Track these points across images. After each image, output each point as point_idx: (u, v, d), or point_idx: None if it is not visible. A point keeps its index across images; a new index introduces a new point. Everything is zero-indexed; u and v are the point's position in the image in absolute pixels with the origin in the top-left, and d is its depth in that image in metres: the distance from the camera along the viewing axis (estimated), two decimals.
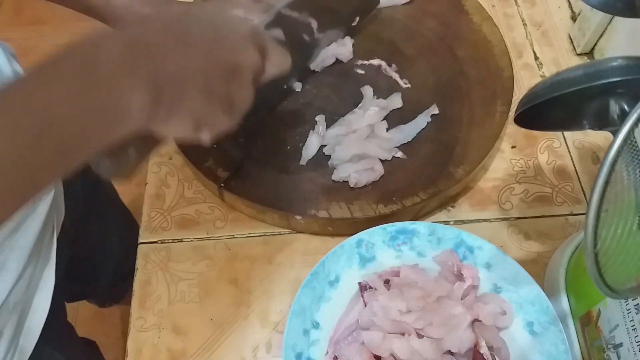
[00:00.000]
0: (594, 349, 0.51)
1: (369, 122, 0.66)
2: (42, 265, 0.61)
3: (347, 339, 0.55)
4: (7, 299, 0.55)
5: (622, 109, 0.41)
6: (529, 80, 0.75)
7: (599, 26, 0.73)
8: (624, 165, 0.33)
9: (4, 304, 0.54)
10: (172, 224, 0.65)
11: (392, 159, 0.65)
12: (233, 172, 0.64)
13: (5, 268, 0.54)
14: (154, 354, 0.57)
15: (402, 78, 0.72)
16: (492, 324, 0.54)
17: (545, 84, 0.43)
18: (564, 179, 0.67)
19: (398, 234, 0.59)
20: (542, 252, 0.62)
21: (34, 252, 0.58)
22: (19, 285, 0.56)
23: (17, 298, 0.57)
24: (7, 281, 0.55)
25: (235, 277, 0.61)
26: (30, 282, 0.59)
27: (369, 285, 0.56)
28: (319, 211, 0.61)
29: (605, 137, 0.69)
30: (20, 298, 0.57)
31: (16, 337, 0.58)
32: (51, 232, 0.63)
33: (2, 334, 0.55)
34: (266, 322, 0.59)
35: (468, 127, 0.67)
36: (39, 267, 0.60)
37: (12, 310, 0.56)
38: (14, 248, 0.55)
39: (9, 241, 0.55)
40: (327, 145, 0.66)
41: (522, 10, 0.83)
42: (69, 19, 1.97)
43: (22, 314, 0.59)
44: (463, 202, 0.66)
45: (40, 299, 0.61)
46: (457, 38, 0.75)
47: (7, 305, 0.55)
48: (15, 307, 0.57)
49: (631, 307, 0.46)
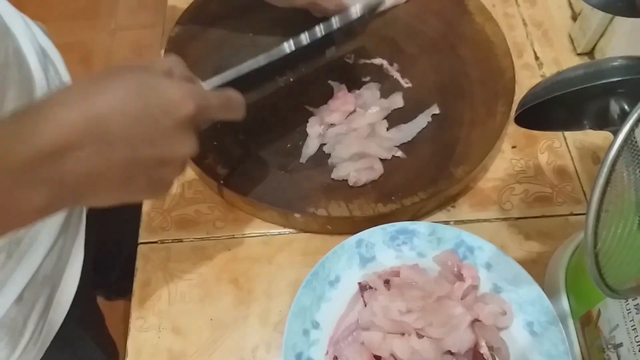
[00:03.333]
0: (594, 349, 0.51)
1: (369, 121, 0.66)
2: (72, 240, 0.63)
3: (347, 339, 0.55)
4: (38, 271, 0.56)
5: (622, 109, 0.41)
6: (529, 80, 0.75)
7: (599, 26, 0.73)
8: (624, 165, 0.33)
9: (35, 275, 0.56)
10: (172, 224, 0.65)
11: (392, 158, 0.65)
12: (233, 169, 0.64)
13: (38, 240, 0.56)
14: (154, 354, 0.57)
15: (404, 77, 0.72)
16: (492, 324, 0.54)
17: (546, 84, 0.43)
18: (564, 179, 0.67)
19: (398, 234, 0.59)
20: (542, 252, 0.62)
21: (64, 226, 0.60)
22: (50, 258, 0.58)
23: (48, 271, 0.58)
24: (39, 253, 0.56)
25: (235, 277, 0.61)
26: (60, 256, 0.60)
27: (369, 285, 0.56)
28: (318, 209, 0.61)
29: (605, 137, 0.69)
30: (51, 271, 0.59)
31: (47, 310, 0.60)
32: (80, 208, 0.64)
33: (34, 306, 0.57)
34: (266, 322, 0.59)
35: (469, 127, 0.67)
36: (68, 242, 0.62)
37: (43, 283, 0.58)
38: (46, 221, 0.57)
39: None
40: (327, 143, 0.66)
41: (522, 10, 0.83)
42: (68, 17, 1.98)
43: (53, 288, 0.60)
44: (463, 202, 0.66)
45: (70, 274, 0.62)
46: (459, 38, 0.75)
47: (38, 277, 0.57)
48: (46, 280, 0.58)
49: (631, 307, 0.46)
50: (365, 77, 0.72)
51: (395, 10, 0.77)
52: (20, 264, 0.55)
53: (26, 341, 0.57)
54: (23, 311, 0.56)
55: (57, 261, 0.60)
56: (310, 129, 0.67)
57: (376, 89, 0.70)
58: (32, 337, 0.58)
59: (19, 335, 0.57)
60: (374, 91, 0.70)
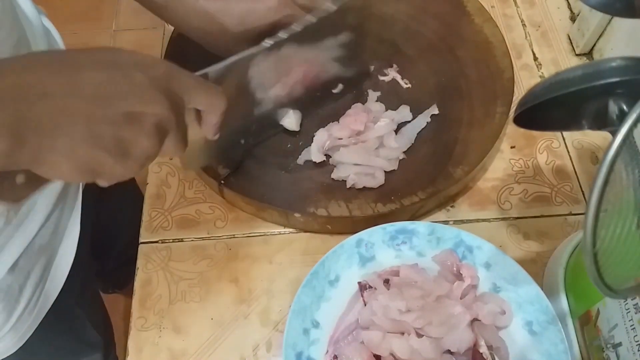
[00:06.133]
0: (593, 348, 0.52)
1: (379, 134, 0.66)
2: (68, 213, 0.63)
3: (347, 339, 0.55)
4: (34, 240, 0.57)
5: (621, 109, 0.41)
6: (528, 80, 0.75)
7: (598, 27, 0.73)
8: (623, 165, 0.33)
9: (31, 244, 0.57)
10: (172, 224, 0.65)
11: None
12: (233, 169, 0.64)
13: (34, 210, 0.56)
14: (155, 354, 0.58)
15: (403, 78, 0.72)
16: (492, 324, 0.54)
17: (545, 85, 0.43)
18: (563, 179, 0.67)
19: (398, 234, 0.59)
20: (541, 251, 0.62)
21: (61, 197, 0.60)
22: (46, 228, 0.59)
23: (44, 241, 0.59)
24: (35, 221, 0.57)
25: (235, 276, 0.62)
26: (57, 227, 0.61)
27: (368, 284, 0.56)
28: (318, 209, 0.61)
29: (604, 137, 0.70)
30: (48, 241, 0.60)
31: (42, 281, 0.61)
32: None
33: (30, 275, 0.58)
34: (266, 321, 0.59)
35: (468, 127, 0.68)
36: (65, 213, 0.63)
37: (39, 252, 0.59)
38: (43, 190, 0.56)
39: None
40: (330, 149, 0.66)
41: (521, 11, 0.83)
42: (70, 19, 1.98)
43: (50, 259, 0.61)
44: (462, 201, 0.66)
45: (66, 245, 0.63)
46: (458, 39, 0.75)
47: (34, 246, 0.57)
48: (42, 250, 0.59)
49: (630, 306, 0.46)
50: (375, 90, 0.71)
51: (394, 12, 0.78)
52: (18, 231, 0.55)
53: (22, 308, 0.59)
54: (19, 279, 0.57)
55: (54, 231, 0.61)
56: (316, 143, 0.66)
57: (376, 101, 0.70)
58: (27, 306, 0.59)
59: (15, 302, 0.58)
60: (381, 104, 0.69)
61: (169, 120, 0.39)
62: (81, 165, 0.36)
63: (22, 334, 0.61)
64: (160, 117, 0.38)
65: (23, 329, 0.61)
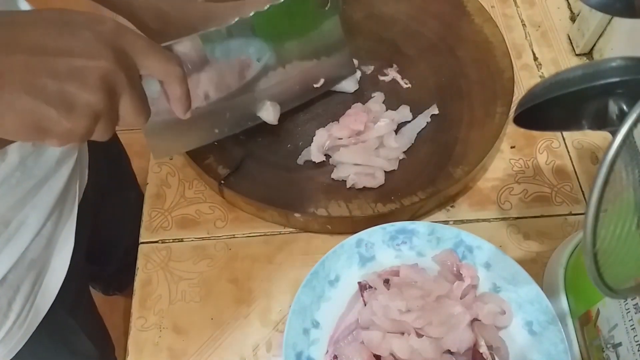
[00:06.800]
0: (593, 348, 0.52)
1: (379, 134, 0.66)
2: (62, 226, 0.63)
3: (347, 338, 0.55)
4: (24, 254, 0.56)
5: (621, 109, 0.41)
6: (528, 80, 0.75)
7: (598, 27, 0.73)
8: (623, 165, 0.33)
9: (21, 258, 0.56)
10: (172, 224, 0.65)
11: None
12: (233, 169, 0.64)
13: (25, 224, 0.56)
14: (155, 354, 0.57)
15: (403, 78, 0.72)
16: (492, 324, 0.54)
17: (545, 85, 0.43)
18: (562, 179, 0.67)
19: (398, 234, 0.59)
20: (541, 251, 0.62)
21: (55, 211, 0.60)
22: (38, 242, 0.58)
23: (35, 255, 0.58)
24: (25, 236, 0.56)
25: (235, 276, 0.62)
26: (49, 241, 0.60)
27: (368, 284, 0.56)
28: (318, 209, 0.61)
29: (604, 137, 0.70)
30: (39, 255, 0.59)
31: (33, 295, 0.60)
32: (73, 195, 0.64)
33: (19, 289, 0.57)
34: (266, 321, 0.59)
35: (468, 127, 0.68)
36: (59, 227, 0.62)
37: (29, 266, 0.58)
38: (36, 205, 0.57)
39: (30, 198, 0.56)
40: (329, 149, 0.66)
41: (521, 11, 0.83)
42: None
43: (41, 272, 0.60)
44: (462, 201, 0.66)
45: (59, 260, 0.62)
46: (458, 39, 0.75)
47: (24, 260, 0.57)
48: (33, 264, 0.58)
49: (630, 306, 0.46)
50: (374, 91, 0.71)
51: (394, 12, 0.78)
52: (8, 245, 0.55)
53: (11, 323, 0.58)
54: (8, 293, 0.56)
55: (46, 245, 0.60)
56: (315, 143, 0.66)
57: (382, 103, 0.70)
58: (17, 320, 0.58)
59: (4, 317, 0.57)
60: (381, 104, 0.69)
61: (116, 76, 0.38)
62: (24, 119, 0.35)
63: (12, 347, 0.60)
64: (105, 71, 0.37)
65: (12, 343, 0.60)
